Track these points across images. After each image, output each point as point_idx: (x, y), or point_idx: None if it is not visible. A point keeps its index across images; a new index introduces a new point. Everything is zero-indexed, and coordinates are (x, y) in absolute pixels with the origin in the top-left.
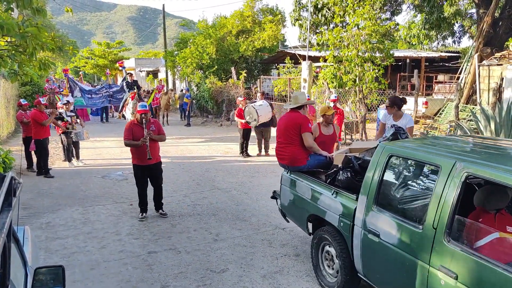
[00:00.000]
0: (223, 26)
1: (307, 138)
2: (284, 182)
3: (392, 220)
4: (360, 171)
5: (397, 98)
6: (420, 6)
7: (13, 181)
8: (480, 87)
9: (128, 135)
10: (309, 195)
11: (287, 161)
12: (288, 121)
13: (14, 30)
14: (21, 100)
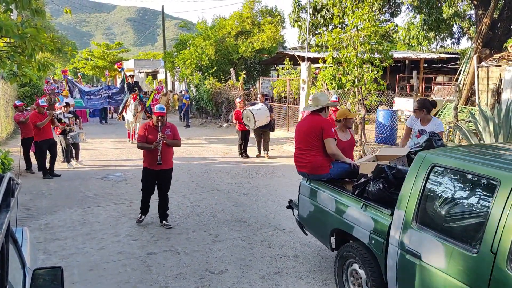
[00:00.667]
0: (222, 27)
1: (330, 145)
2: (303, 191)
3: (437, 240)
4: (395, 182)
5: (426, 100)
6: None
7: (12, 181)
8: (479, 88)
9: (142, 137)
10: (333, 207)
11: (307, 169)
12: (309, 125)
13: (12, 31)
14: (16, 102)
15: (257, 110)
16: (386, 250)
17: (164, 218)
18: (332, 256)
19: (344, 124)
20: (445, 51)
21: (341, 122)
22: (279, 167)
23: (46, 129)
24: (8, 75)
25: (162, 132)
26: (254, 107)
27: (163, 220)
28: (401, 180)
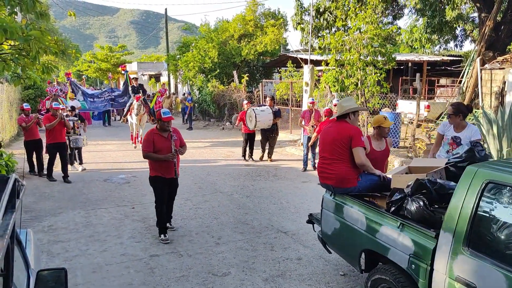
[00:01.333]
0: (225, 30)
1: (359, 154)
2: (326, 206)
3: (497, 270)
4: (438, 200)
5: (461, 104)
6: (422, 10)
7: (17, 183)
8: (482, 91)
9: (148, 146)
10: (364, 225)
11: (333, 181)
12: (336, 132)
13: (17, 33)
14: (24, 105)
15: (260, 111)
16: (430, 277)
17: (168, 221)
18: (336, 259)
19: (378, 132)
20: (448, 53)
21: (376, 130)
22: (282, 169)
23: (56, 132)
24: (12, 77)
25: (168, 137)
26: (258, 108)
27: (168, 222)
28: (445, 197)
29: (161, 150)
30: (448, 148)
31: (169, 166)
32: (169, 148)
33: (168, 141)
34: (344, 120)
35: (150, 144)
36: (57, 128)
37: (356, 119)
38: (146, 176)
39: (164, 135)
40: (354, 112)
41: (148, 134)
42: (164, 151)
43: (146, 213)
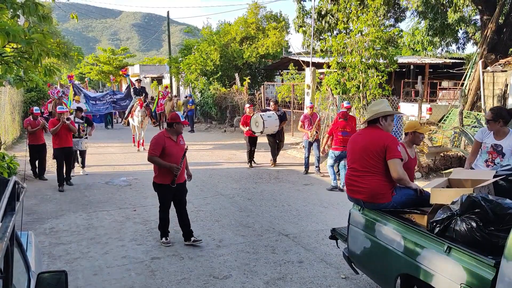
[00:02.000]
0: (227, 32)
1: (396, 167)
2: (355, 222)
3: None
4: (495, 221)
5: (502, 109)
6: (424, 13)
7: (17, 185)
8: (485, 94)
9: (157, 149)
10: (401, 247)
11: (364, 196)
12: (368, 141)
13: (19, 36)
14: (34, 108)
15: (267, 117)
16: None
17: (191, 235)
18: (337, 262)
19: (412, 139)
20: (450, 56)
21: (408, 136)
22: (284, 172)
23: (62, 136)
24: (15, 80)
25: (177, 142)
26: (265, 114)
27: (191, 237)
28: (503, 218)
29: (171, 155)
30: (487, 157)
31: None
32: (179, 153)
33: (178, 146)
34: (375, 126)
35: (159, 147)
36: (63, 133)
37: (389, 124)
38: (148, 178)
39: (174, 139)
40: (386, 116)
41: (158, 137)
42: (174, 157)
43: (147, 216)
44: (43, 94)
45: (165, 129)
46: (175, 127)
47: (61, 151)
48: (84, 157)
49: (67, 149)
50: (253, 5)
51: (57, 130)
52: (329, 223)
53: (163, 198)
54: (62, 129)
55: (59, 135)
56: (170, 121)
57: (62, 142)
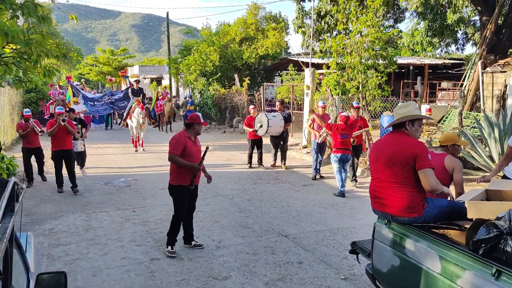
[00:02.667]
0: (226, 33)
1: (429, 178)
2: (380, 237)
3: None
4: None
5: None
6: (423, 14)
7: (16, 186)
8: (484, 94)
9: (178, 149)
10: (437, 267)
11: (393, 210)
12: (395, 149)
13: (18, 37)
14: (24, 111)
15: (272, 116)
16: None
17: (192, 238)
18: (337, 263)
19: (452, 151)
20: (449, 57)
21: (449, 149)
22: (283, 173)
23: (59, 138)
24: (14, 81)
25: (195, 142)
26: (270, 113)
27: (192, 240)
28: None
29: (191, 156)
30: None
31: (194, 174)
32: (198, 154)
33: (196, 146)
34: (401, 131)
35: (180, 147)
36: (60, 135)
37: (417, 129)
38: (147, 179)
39: (193, 139)
40: (414, 120)
41: (179, 135)
42: (194, 157)
43: (147, 217)
44: (42, 95)
45: (183, 130)
46: (195, 127)
47: (59, 154)
48: (83, 158)
49: (66, 152)
50: (253, 5)
51: (54, 131)
52: (329, 223)
53: (180, 202)
54: (59, 131)
55: (57, 137)
56: (191, 122)
57: (60, 144)
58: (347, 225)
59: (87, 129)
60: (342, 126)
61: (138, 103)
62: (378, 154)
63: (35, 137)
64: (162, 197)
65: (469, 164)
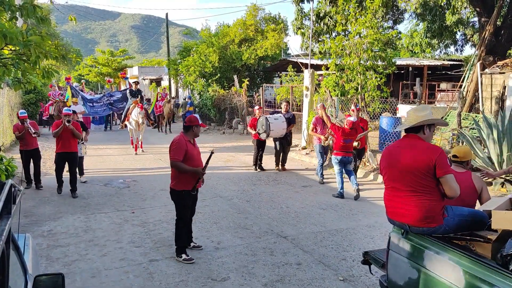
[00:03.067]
0: (225, 34)
1: (452, 184)
2: (397, 248)
3: None
4: None
5: None
6: (422, 15)
7: (13, 188)
8: (483, 95)
9: (180, 154)
10: (461, 282)
11: (410, 220)
12: (412, 155)
13: (17, 38)
14: (19, 112)
15: (274, 119)
16: None
17: (191, 240)
18: (335, 264)
19: (468, 167)
20: (448, 58)
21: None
22: (282, 174)
23: (64, 140)
24: (13, 82)
25: (195, 144)
26: (271, 116)
27: (191, 242)
28: None
29: (193, 159)
30: None
31: (196, 178)
32: (199, 156)
33: (196, 149)
34: (415, 136)
35: (182, 152)
36: (65, 136)
37: (432, 134)
38: (146, 180)
39: (192, 142)
40: (431, 125)
41: (179, 140)
42: (196, 160)
43: (146, 218)
44: (41, 96)
45: (182, 133)
46: (194, 130)
47: (62, 156)
48: (81, 163)
49: (70, 155)
50: (252, 7)
51: (59, 133)
52: (328, 225)
53: (184, 207)
54: (65, 132)
55: (61, 138)
56: (189, 124)
57: (64, 146)
58: (346, 226)
59: (87, 132)
60: (347, 131)
61: (136, 104)
62: (391, 160)
63: (31, 138)
64: (161, 198)
65: None
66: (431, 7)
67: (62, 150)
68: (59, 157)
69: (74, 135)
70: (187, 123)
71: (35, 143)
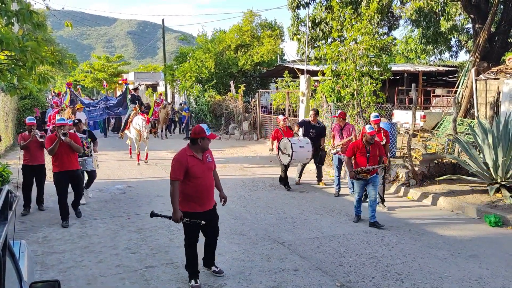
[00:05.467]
0: (222, 40)
1: None
2: None
3: None
4: None
5: None
6: (417, 21)
7: (10, 194)
8: (478, 101)
9: (178, 171)
10: None
11: None
12: None
13: (13, 44)
14: (27, 119)
15: (299, 147)
16: None
17: (213, 263)
18: (332, 270)
19: None
20: (443, 64)
21: None
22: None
23: (63, 156)
24: (8, 87)
25: (204, 159)
26: (296, 142)
27: (212, 265)
28: None
29: (197, 177)
30: None
31: (205, 196)
32: (207, 174)
33: (204, 164)
34: None
35: (180, 169)
36: (63, 152)
37: None
38: (142, 186)
39: (199, 157)
40: None
41: (178, 155)
42: (201, 178)
43: (141, 224)
44: (37, 102)
45: (187, 145)
46: (200, 143)
47: (62, 176)
48: (93, 177)
49: (72, 173)
50: (248, 13)
51: (55, 149)
52: (325, 230)
53: (191, 231)
54: (61, 148)
55: (59, 155)
56: (194, 136)
57: (63, 164)
58: (343, 232)
59: (95, 143)
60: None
61: (136, 111)
62: None
63: (38, 151)
64: (158, 204)
65: (463, 171)
66: (426, 14)
67: (60, 169)
68: (59, 178)
69: (73, 149)
70: (192, 135)
71: (41, 157)
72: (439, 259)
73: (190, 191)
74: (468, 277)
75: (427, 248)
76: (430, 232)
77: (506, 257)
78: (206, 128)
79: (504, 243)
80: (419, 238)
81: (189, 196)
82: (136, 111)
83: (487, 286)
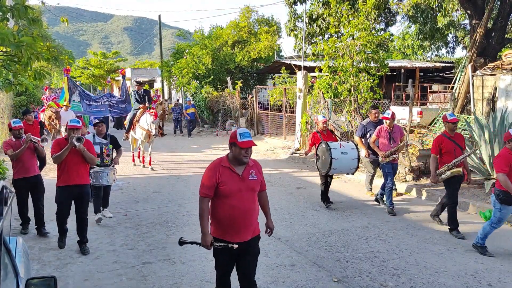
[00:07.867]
0: (219, 36)
1: None
2: None
3: None
4: None
5: None
6: (414, 17)
7: (5, 190)
8: (474, 97)
9: (207, 185)
10: None
11: None
12: None
13: (8, 39)
14: (12, 122)
15: (340, 153)
16: None
17: None
18: (329, 265)
19: None
20: (440, 60)
21: None
22: (276, 175)
23: (71, 167)
24: (4, 84)
25: (244, 176)
26: (337, 146)
27: None
28: None
29: (231, 196)
30: None
31: (240, 224)
32: (245, 195)
33: (243, 183)
34: None
35: (209, 183)
36: (72, 162)
37: None
38: (139, 182)
39: (238, 171)
40: None
41: (214, 163)
42: (236, 199)
43: (138, 220)
44: (33, 98)
45: (227, 154)
46: (233, 151)
47: (66, 191)
48: (108, 194)
49: (78, 189)
50: (245, 9)
51: (63, 156)
52: (321, 226)
53: (222, 258)
54: (71, 157)
55: (66, 164)
56: (229, 142)
57: (70, 176)
58: (340, 227)
59: (119, 151)
60: None
61: (144, 109)
62: None
63: (31, 159)
64: (154, 201)
65: None
66: (422, 10)
67: (65, 182)
68: (63, 194)
69: (85, 160)
70: (229, 139)
71: (35, 166)
72: (435, 254)
73: (220, 214)
74: (464, 272)
75: (423, 243)
76: (427, 227)
77: (501, 251)
78: (242, 133)
79: (499, 238)
80: (415, 233)
81: (219, 220)
82: (144, 109)
83: (483, 280)
